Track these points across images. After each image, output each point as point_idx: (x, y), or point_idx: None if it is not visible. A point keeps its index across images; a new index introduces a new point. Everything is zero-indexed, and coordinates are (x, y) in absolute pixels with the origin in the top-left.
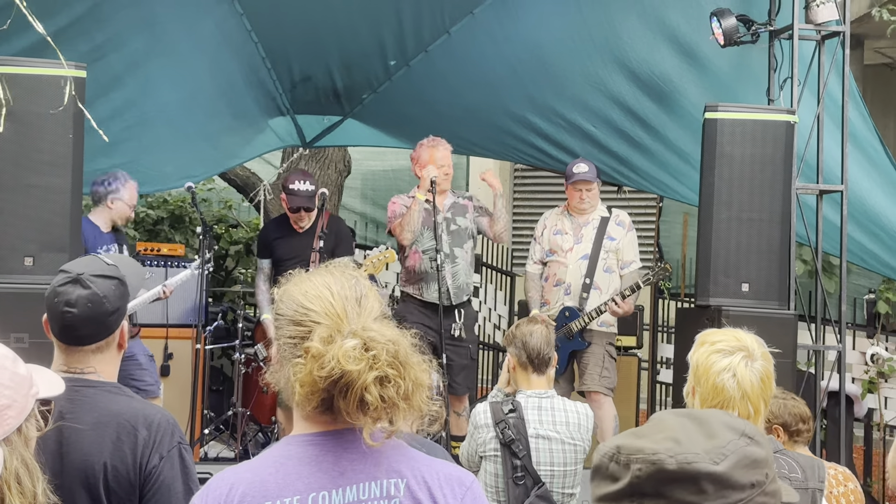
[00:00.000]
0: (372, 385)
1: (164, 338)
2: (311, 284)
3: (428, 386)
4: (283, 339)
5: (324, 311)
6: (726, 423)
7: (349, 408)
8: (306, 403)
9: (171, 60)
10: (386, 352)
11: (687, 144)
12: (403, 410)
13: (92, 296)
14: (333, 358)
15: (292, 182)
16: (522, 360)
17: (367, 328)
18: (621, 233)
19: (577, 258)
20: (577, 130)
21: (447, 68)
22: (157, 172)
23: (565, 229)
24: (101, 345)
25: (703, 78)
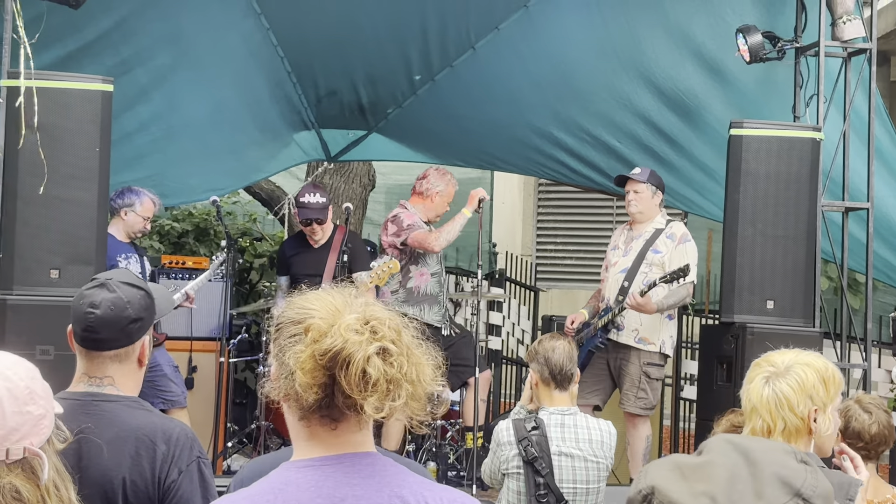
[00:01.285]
0: (374, 356)
1: (189, 350)
2: (313, 293)
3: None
4: (282, 340)
5: (325, 308)
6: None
7: (351, 383)
8: (307, 391)
9: (197, 74)
10: (388, 327)
11: (712, 160)
12: (407, 391)
13: (116, 299)
14: (335, 332)
15: (302, 195)
16: (545, 376)
17: (369, 308)
18: (669, 246)
19: (616, 272)
20: (602, 145)
21: (472, 83)
22: (183, 185)
23: (619, 244)
24: (121, 353)
25: (728, 94)
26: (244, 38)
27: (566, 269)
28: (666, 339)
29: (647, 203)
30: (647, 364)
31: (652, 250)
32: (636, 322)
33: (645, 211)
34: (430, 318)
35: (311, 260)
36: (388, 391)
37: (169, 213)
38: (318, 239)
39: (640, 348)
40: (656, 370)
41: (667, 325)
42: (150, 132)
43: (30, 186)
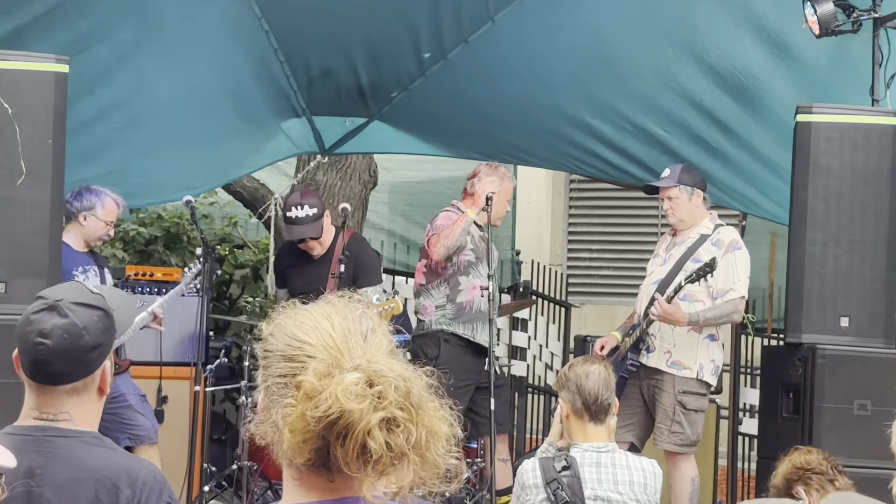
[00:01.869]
0: (376, 429)
1: (158, 378)
2: (308, 315)
3: (446, 436)
4: (271, 378)
5: (321, 344)
6: None
7: (348, 457)
8: (297, 455)
9: (166, 52)
10: (395, 389)
11: (775, 152)
12: (414, 464)
13: (69, 326)
14: (331, 395)
15: (289, 209)
16: (577, 406)
17: (373, 361)
18: (714, 254)
19: (649, 283)
20: (645, 135)
21: (491, 62)
22: (151, 183)
23: (660, 251)
24: (78, 386)
25: (794, 74)
26: (222, 7)
27: (602, 281)
28: (705, 364)
29: (687, 208)
30: (682, 392)
31: (692, 259)
32: (669, 342)
33: (687, 218)
34: (483, 339)
35: (310, 274)
36: (392, 465)
37: (134, 217)
38: (318, 252)
39: (674, 373)
40: (694, 400)
41: (707, 346)
42: (113, 120)
43: None
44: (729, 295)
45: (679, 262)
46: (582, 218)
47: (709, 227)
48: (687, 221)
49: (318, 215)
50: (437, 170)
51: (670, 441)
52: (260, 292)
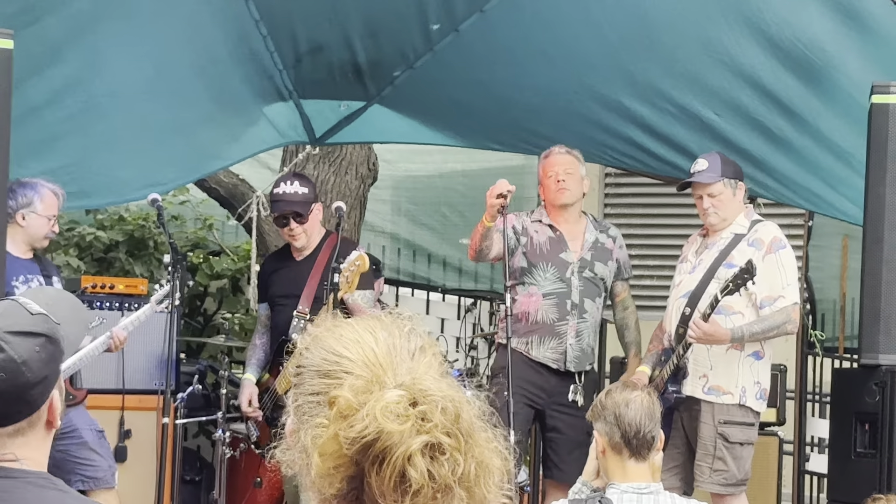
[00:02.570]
0: (418, 455)
1: (120, 408)
2: (349, 329)
3: (498, 471)
4: (302, 397)
5: (361, 360)
6: None
7: (384, 486)
8: (327, 484)
9: (128, 25)
10: (442, 410)
11: (847, 139)
12: (460, 500)
13: (6, 363)
14: (368, 414)
15: (278, 185)
16: (615, 440)
17: (419, 379)
18: (751, 256)
19: (678, 296)
20: (693, 120)
21: (511, 35)
22: (110, 179)
23: (689, 256)
24: (23, 426)
25: (868, 47)
26: None
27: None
28: (748, 387)
29: (732, 205)
30: (723, 423)
31: (725, 265)
32: (704, 364)
33: (730, 216)
34: (541, 355)
35: (289, 277)
36: (434, 499)
37: (92, 219)
38: (301, 246)
39: (712, 401)
40: (739, 431)
41: (750, 366)
42: (66, 105)
43: None
44: (778, 303)
45: (710, 268)
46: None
47: (744, 224)
48: (729, 220)
49: (308, 197)
50: (446, 162)
51: (712, 480)
52: (240, 307)
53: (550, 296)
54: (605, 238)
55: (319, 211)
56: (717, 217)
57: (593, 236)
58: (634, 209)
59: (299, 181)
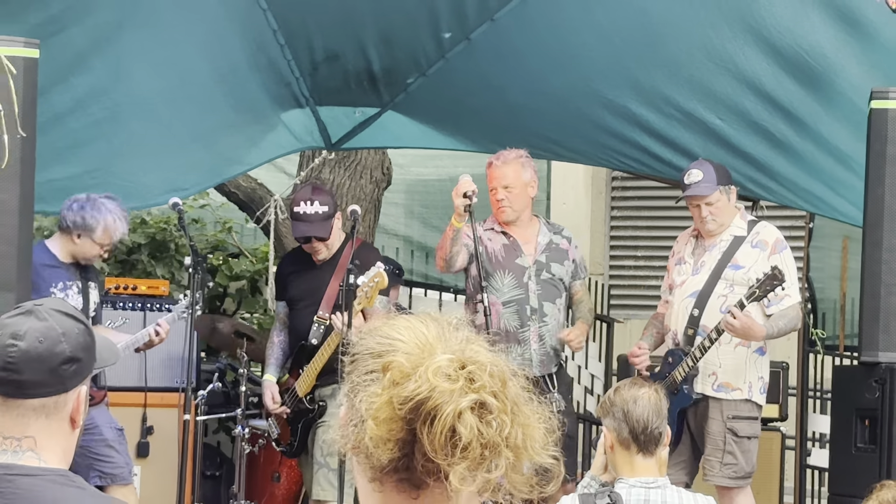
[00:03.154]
0: (467, 412)
1: (142, 405)
2: (402, 320)
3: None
4: (358, 377)
5: (414, 341)
6: None
7: (435, 442)
8: (380, 449)
9: (150, 35)
10: (490, 374)
11: (847, 143)
12: (507, 460)
13: (47, 329)
14: (421, 376)
15: (297, 203)
16: (623, 436)
17: (468, 348)
18: (756, 257)
19: (684, 296)
20: (697, 124)
21: (520, 43)
22: (133, 184)
23: (685, 256)
24: (48, 404)
25: (868, 54)
26: None
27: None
28: (754, 382)
29: (727, 210)
30: (732, 418)
31: (731, 266)
32: (713, 363)
33: (727, 221)
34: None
35: (309, 280)
36: (483, 458)
37: None
38: (322, 257)
39: (722, 397)
40: (747, 425)
41: (755, 362)
42: (90, 113)
43: None
44: (786, 302)
45: (715, 270)
46: (625, 221)
47: (741, 226)
48: (726, 224)
49: (328, 214)
50: (457, 167)
51: (722, 474)
52: (258, 307)
53: (510, 303)
54: (560, 239)
55: (339, 220)
56: (716, 224)
57: (547, 238)
58: (641, 211)
59: (319, 199)
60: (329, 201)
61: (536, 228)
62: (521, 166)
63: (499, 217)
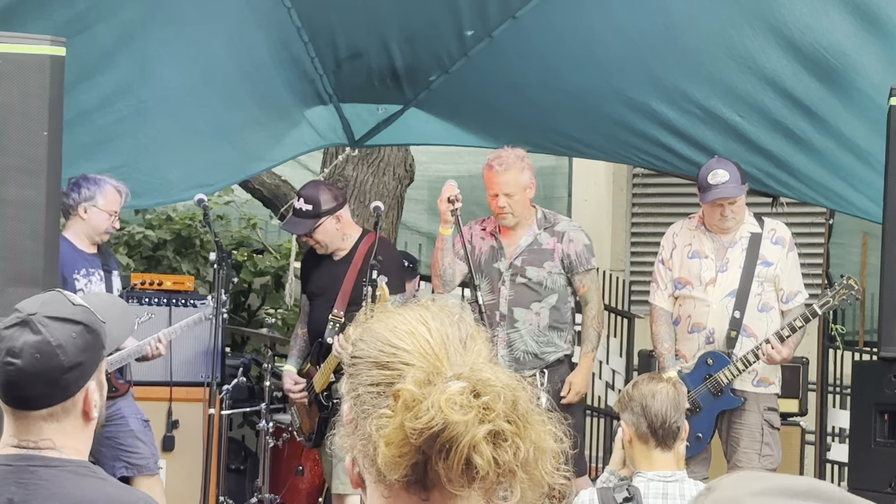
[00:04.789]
0: (483, 443)
1: (168, 400)
2: (401, 319)
3: (553, 452)
4: (361, 387)
5: (418, 351)
6: None
7: (451, 473)
8: (393, 470)
9: (176, 32)
10: (502, 400)
11: (867, 140)
12: (521, 481)
13: (41, 344)
14: (433, 405)
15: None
16: (642, 430)
17: (477, 369)
18: (780, 254)
19: (723, 295)
20: (718, 122)
21: (542, 41)
22: (159, 180)
23: (704, 251)
24: (56, 411)
25: (887, 51)
26: None
27: None
28: (779, 377)
29: (743, 207)
30: (767, 410)
31: (761, 263)
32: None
33: (741, 218)
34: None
35: (325, 276)
36: (499, 482)
37: (141, 218)
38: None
39: (759, 391)
40: (777, 417)
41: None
42: (116, 109)
43: None
44: (798, 298)
45: (747, 268)
46: (646, 217)
47: (753, 222)
48: (740, 221)
49: (311, 213)
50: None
51: (762, 465)
52: (282, 302)
53: (490, 304)
54: (548, 238)
55: (337, 219)
56: (735, 222)
57: (531, 238)
58: (661, 208)
59: (304, 197)
60: (315, 200)
61: (527, 227)
62: (520, 171)
63: (500, 222)
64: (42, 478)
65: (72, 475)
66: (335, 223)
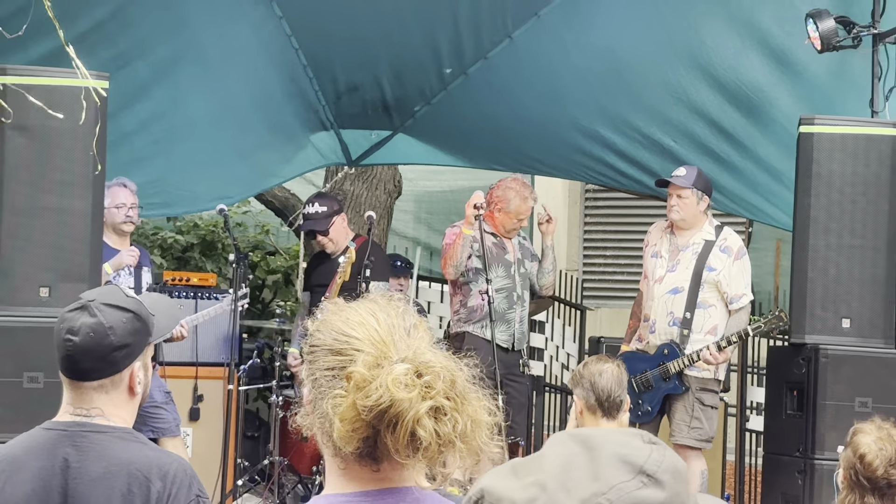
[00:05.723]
0: (425, 417)
1: (194, 377)
2: (353, 312)
3: (488, 425)
4: (318, 372)
5: (368, 338)
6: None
7: (398, 444)
8: (347, 443)
9: (202, 68)
10: (442, 379)
11: (780, 162)
12: (460, 451)
13: (96, 325)
14: (381, 385)
15: (304, 206)
16: (591, 402)
17: (420, 353)
18: (725, 262)
19: (664, 291)
20: (655, 146)
21: (509, 77)
22: (188, 193)
23: (662, 252)
24: (106, 383)
25: (797, 87)
26: (254, 27)
27: (616, 285)
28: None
29: (693, 210)
30: (700, 390)
31: (707, 268)
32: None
33: (688, 218)
34: (500, 339)
35: (325, 270)
36: (440, 452)
37: (172, 225)
38: (331, 251)
39: (693, 374)
40: (710, 397)
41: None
42: (151, 133)
43: (16, 195)
44: (743, 300)
45: (696, 273)
46: (597, 225)
47: (710, 231)
48: (688, 221)
49: (326, 213)
50: (456, 180)
51: (690, 436)
52: (291, 296)
53: (501, 290)
54: (525, 241)
55: (343, 220)
56: (679, 215)
57: (517, 239)
58: (609, 218)
59: (318, 202)
60: (328, 203)
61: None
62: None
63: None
64: (93, 442)
65: (118, 440)
66: (342, 222)
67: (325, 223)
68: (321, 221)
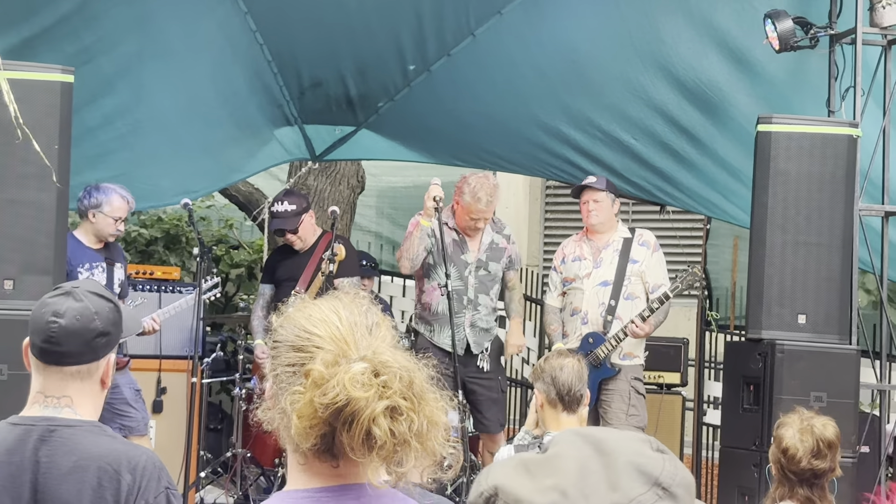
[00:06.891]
0: (381, 416)
1: (157, 370)
2: (316, 309)
3: (444, 426)
4: (280, 367)
5: (329, 336)
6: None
7: (353, 442)
8: (304, 439)
9: (167, 63)
10: (399, 379)
11: (737, 160)
12: (415, 451)
13: (83, 309)
14: (339, 383)
15: (273, 204)
16: (551, 397)
17: (379, 352)
18: (645, 254)
19: (594, 284)
20: (616, 143)
21: (472, 74)
22: (152, 187)
23: (584, 254)
24: (83, 370)
25: (755, 87)
26: (219, 22)
27: None
28: (642, 352)
29: (608, 212)
30: (633, 379)
31: (630, 261)
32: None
33: (605, 221)
34: (441, 342)
35: (291, 265)
36: (395, 452)
37: (136, 219)
38: (299, 248)
39: (626, 364)
40: (641, 385)
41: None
42: (116, 127)
43: None
44: (661, 290)
45: (620, 265)
46: (557, 221)
47: (625, 231)
48: (605, 224)
49: (296, 212)
50: (420, 175)
51: (629, 423)
52: (254, 290)
53: (451, 292)
54: (500, 238)
55: (311, 217)
56: (598, 219)
57: (489, 238)
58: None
59: (289, 199)
60: (297, 202)
61: (481, 233)
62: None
63: (466, 231)
64: (62, 436)
65: (87, 434)
66: (310, 219)
67: (294, 221)
68: (290, 220)
